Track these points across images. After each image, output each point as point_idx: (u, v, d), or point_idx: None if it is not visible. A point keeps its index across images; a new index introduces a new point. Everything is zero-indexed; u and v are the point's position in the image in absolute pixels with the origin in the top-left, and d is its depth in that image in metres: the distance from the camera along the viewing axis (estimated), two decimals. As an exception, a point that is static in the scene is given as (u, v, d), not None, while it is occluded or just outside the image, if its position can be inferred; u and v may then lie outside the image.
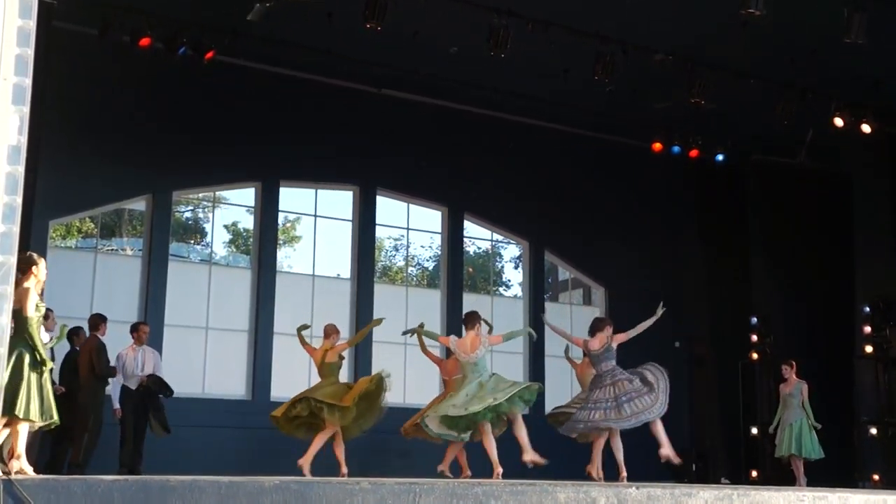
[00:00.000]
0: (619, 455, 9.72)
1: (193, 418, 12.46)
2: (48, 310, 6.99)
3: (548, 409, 15.04)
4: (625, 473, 9.60)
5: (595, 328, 9.93)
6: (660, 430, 9.57)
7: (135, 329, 11.13)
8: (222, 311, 13.71)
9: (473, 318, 9.55)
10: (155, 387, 10.84)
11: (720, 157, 15.69)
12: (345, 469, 9.80)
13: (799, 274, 15.87)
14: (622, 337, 9.86)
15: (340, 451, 9.88)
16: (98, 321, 11.03)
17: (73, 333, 10.80)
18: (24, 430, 6.39)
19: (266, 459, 12.40)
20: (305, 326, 10.61)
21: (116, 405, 10.80)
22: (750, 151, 16.19)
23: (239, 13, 11.62)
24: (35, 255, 6.69)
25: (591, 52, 12.19)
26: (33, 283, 6.57)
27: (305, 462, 9.59)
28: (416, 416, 10.12)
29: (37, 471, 6.68)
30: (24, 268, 6.55)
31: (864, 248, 15.54)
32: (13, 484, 5.12)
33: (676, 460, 9.77)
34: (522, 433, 9.32)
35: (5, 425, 6.35)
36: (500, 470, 9.24)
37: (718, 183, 16.57)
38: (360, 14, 11.05)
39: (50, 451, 10.39)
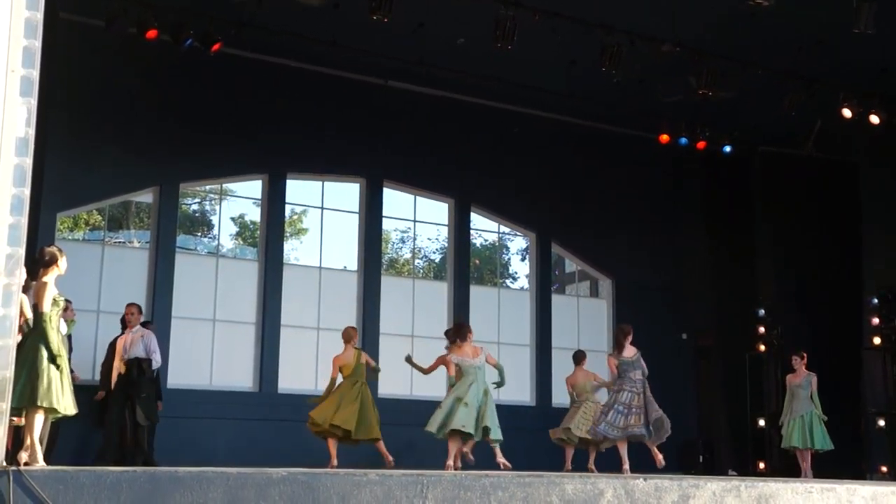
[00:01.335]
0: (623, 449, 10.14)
1: (201, 410, 12.51)
2: (67, 301, 7.05)
3: (555, 400, 15.18)
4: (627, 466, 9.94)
5: (626, 336, 10.32)
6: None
7: (127, 311, 11.04)
8: (229, 304, 13.72)
9: (465, 330, 9.95)
10: (134, 370, 10.63)
11: (727, 149, 15.64)
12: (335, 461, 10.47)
13: (806, 265, 15.84)
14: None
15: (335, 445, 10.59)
16: None
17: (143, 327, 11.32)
18: (39, 420, 6.43)
19: (274, 451, 12.43)
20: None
21: (102, 392, 10.81)
22: (757, 142, 16.14)
23: (245, 5, 11.61)
24: (57, 250, 6.72)
25: (597, 43, 12.15)
26: (52, 278, 6.60)
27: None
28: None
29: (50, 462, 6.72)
30: (48, 262, 6.59)
31: (872, 238, 15.49)
32: (23, 475, 5.13)
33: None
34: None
35: (25, 416, 6.38)
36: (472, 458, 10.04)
37: (725, 174, 16.51)
38: (366, 5, 11.04)
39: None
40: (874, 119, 13.81)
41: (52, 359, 6.38)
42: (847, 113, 13.72)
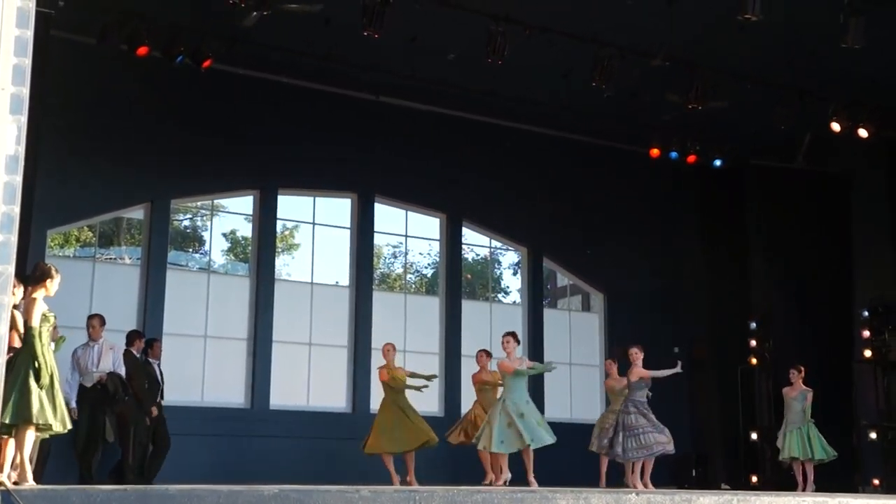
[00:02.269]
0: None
1: (192, 427, 12.43)
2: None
3: (546, 412, 15.14)
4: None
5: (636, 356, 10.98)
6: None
7: (88, 323, 10.72)
8: (221, 320, 13.68)
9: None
10: (112, 386, 10.38)
11: (718, 163, 15.65)
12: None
13: (798, 278, 15.86)
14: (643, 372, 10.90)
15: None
16: (134, 337, 11.09)
17: (149, 346, 11.46)
18: (30, 438, 6.38)
19: (265, 468, 12.40)
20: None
21: (73, 404, 10.37)
22: (748, 155, 16.17)
23: (237, 21, 11.61)
24: (53, 269, 6.69)
25: (588, 58, 12.19)
26: (42, 294, 6.57)
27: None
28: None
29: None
30: (40, 278, 6.57)
31: (863, 251, 15.53)
32: (11, 494, 5.10)
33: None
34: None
35: (14, 434, 6.34)
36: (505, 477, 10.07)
37: (717, 187, 16.56)
38: (358, 21, 11.06)
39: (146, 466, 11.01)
40: (863, 133, 13.86)
41: (43, 375, 6.34)
42: (836, 127, 13.76)
